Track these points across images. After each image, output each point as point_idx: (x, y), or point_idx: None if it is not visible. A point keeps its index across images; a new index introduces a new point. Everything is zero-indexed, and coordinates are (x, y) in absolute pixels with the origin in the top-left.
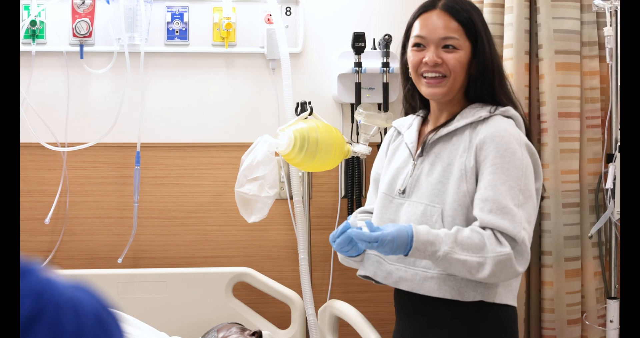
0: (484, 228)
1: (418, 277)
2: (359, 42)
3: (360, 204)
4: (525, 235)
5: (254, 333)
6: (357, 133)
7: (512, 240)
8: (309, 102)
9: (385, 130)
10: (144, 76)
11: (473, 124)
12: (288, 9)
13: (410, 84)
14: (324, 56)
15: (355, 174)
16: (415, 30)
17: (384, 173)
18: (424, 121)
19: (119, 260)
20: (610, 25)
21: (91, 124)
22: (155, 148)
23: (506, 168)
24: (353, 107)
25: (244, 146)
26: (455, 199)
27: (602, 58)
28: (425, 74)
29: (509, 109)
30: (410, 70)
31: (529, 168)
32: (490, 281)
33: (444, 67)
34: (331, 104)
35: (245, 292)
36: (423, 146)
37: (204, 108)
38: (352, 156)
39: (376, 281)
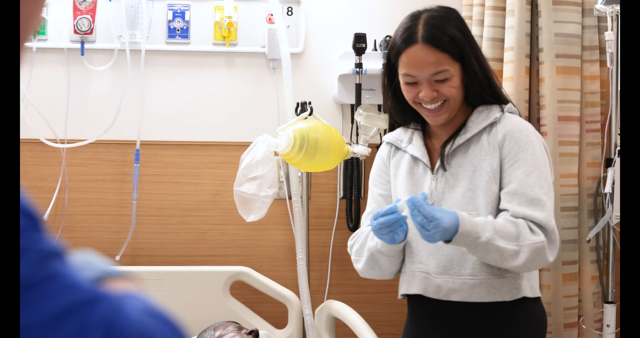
0: (515, 218)
1: (467, 286)
2: (360, 43)
3: (359, 205)
4: (555, 223)
5: (250, 332)
6: (357, 134)
7: (543, 229)
8: (309, 103)
9: (385, 131)
10: (144, 73)
11: (487, 127)
12: (289, 8)
13: (397, 101)
14: (325, 56)
15: (355, 175)
16: (403, 67)
17: (396, 192)
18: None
19: (117, 258)
20: (611, 29)
21: (91, 121)
22: (154, 146)
23: (530, 159)
24: (353, 108)
25: (244, 146)
26: (488, 202)
27: (602, 62)
28: (425, 105)
29: (511, 106)
30: (408, 100)
31: (547, 159)
32: (521, 270)
33: (441, 96)
34: (331, 105)
35: (242, 291)
36: (441, 159)
37: (204, 107)
38: (352, 157)
39: (417, 299)
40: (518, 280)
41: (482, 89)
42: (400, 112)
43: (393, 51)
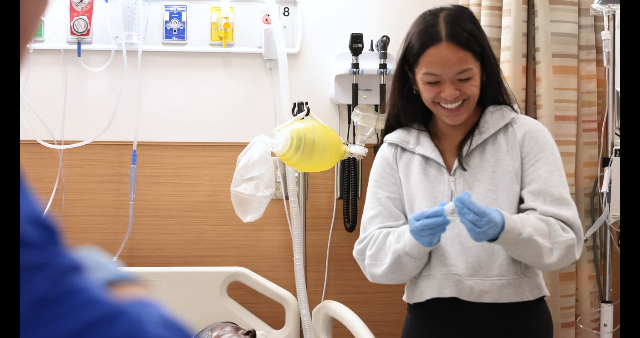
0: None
1: (495, 287)
2: (356, 43)
3: (356, 205)
4: (580, 221)
5: (247, 333)
6: (354, 134)
7: (571, 227)
8: (306, 103)
9: (382, 131)
10: (141, 74)
11: (502, 128)
12: (286, 9)
13: (408, 102)
14: (322, 56)
15: (352, 175)
16: (425, 67)
17: (411, 194)
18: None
19: (114, 259)
20: (608, 29)
21: (88, 122)
22: (151, 147)
23: (550, 159)
24: (350, 109)
25: (241, 146)
26: (510, 202)
27: (599, 62)
28: (445, 105)
29: (517, 106)
30: (424, 100)
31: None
32: (552, 268)
33: (463, 95)
34: (328, 105)
35: (239, 292)
36: (459, 159)
37: (201, 107)
38: (349, 157)
39: (448, 302)
40: (537, 278)
41: (497, 88)
42: (411, 114)
43: (412, 50)
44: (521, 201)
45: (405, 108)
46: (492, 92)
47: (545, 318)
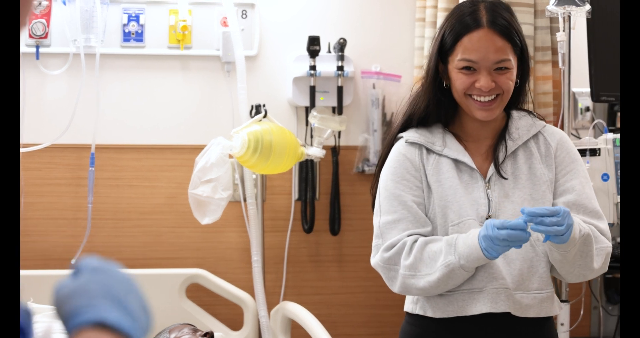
0: None
1: (537, 301)
2: (313, 45)
3: (313, 207)
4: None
5: (205, 334)
6: (311, 136)
7: (606, 238)
8: (264, 105)
9: (340, 133)
10: (99, 77)
11: (533, 135)
12: (244, 12)
13: (440, 97)
14: (279, 59)
15: (309, 177)
16: (463, 53)
17: (445, 200)
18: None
19: (73, 261)
20: (564, 30)
21: (46, 125)
22: (110, 150)
23: (581, 170)
24: (307, 111)
25: (199, 148)
26: None
27: (555, 63)
28: (478, 98)
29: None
30: (456, 92)
31: None
32: (595, 275)
33: (497, 88)
34: (286, 107)
35: (198, 294)
36: (496, 166)
37: (159, 110)
38: (306, 159)
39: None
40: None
41: (526, 90)
42: (443, 110)
43: (450, 35)
44: None
45: (439, 102)
46: (522, 96)
47: (552, 334)
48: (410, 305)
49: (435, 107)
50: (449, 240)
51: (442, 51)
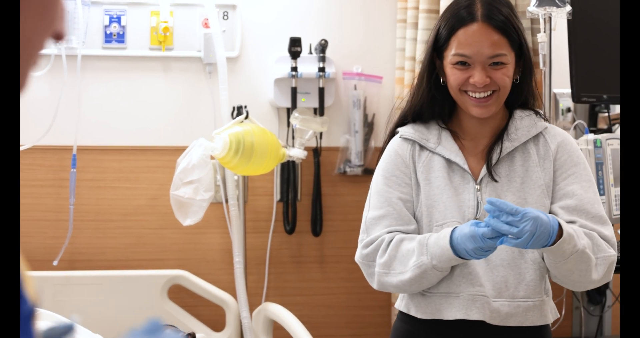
0: None
1: (521, 309)
2: (295, 46)
3: (295, 208)
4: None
5: (188, 336)
6: (293, 137)
7: (611, 245)
8: (245, 107)
9: (321, 134)
10: (81, 78)
11: (533, 136)
12: (225, 13)
13: (438, 91)
14: (261, 60)
15: (291, 178)
16: (457, 47)
17: (432, 199)
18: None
19: (55, 263)
20: (544, 31)
21: (28, 126)
22: (91, 151)
23: (584, 174)
24: (289, 112)
25: (180, 150)
26: None
27: (536, 64)
28: (473, 94)
29: (542, 112)
30: (451, 88)
31: None
32: (595, 285)
33: (493, 84)
34: (267, 109)
35: (180, 295)
36: (489, 167)
37: (141, 111)
38: (288, 160)
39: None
40: (552, 298)
41: (528, 89)
42: (439, 106)
43: (445, 29)
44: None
45: (434, 99)
46: (523, 94)
47: None
48: (399, 302)
49: (430, 103)
50: (421, 240)
51: (437, 45)
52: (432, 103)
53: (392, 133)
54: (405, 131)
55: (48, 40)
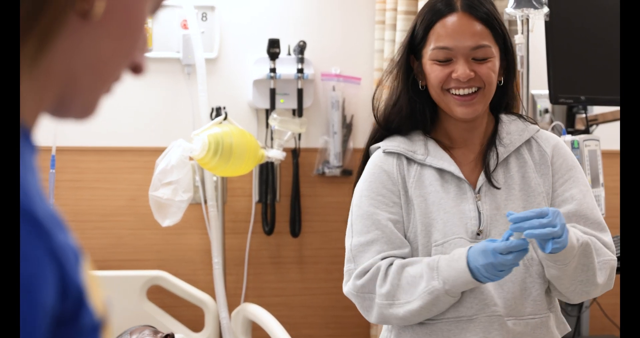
0: None
1: (529, 327)
2: (273, 48)
3: (274, 209)
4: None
5: (166, 336)
6: (272, 138)
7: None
8: (224, 108)
9: (300, 136)
10: None
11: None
12: (204, 14)
13: (415, 95)
14: (240, 61)
15: (270, 179)
16: (437, 41)
17: (430, 217)
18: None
19: None
20: (522, 33)
21: None
22: (70, 152)
23: (580, 177)
24: (268, 113)
25: (159, 151)
26: None
27: None
28: (456, 92)
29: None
30: (432, 88)
31: None
32: (600, 292)
33: (478, 80)
34: (246, 110)
35: (159, 296)
36: (487, 175)
37: (120, 112)
38: (266, 161)
39: None
40: (559, 313)
41: (512, 89)
42: (418, 113)
43: (422, 25)
44: None
45: (413, 106)
46: (509, 96)
47: None
48: (386, 333)
49: (409, 112)
50: (431, 263)
51: (414, 45)
52: (411, 112)
53: (368, 152)
54: (388, 145)
55: (125, 70)
